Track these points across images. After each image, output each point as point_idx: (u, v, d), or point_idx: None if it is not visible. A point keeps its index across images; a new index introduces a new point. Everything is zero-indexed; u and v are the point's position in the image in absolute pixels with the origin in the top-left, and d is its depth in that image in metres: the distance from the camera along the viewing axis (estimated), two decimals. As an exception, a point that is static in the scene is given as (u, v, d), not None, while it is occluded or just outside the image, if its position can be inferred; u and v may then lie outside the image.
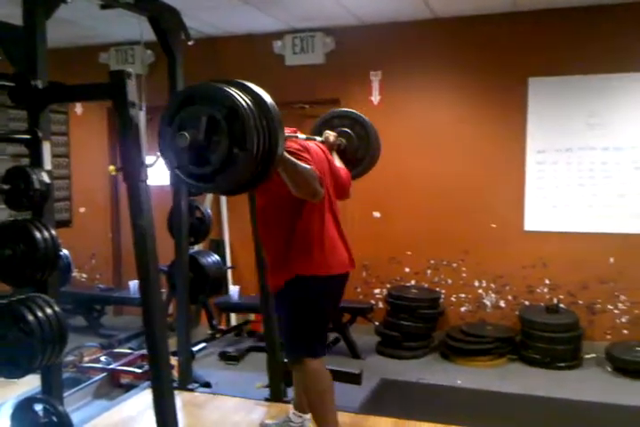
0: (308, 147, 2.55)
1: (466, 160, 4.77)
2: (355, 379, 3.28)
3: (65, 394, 2.94)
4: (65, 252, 3.49)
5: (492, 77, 4.67)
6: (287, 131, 2.37)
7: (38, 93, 2.32)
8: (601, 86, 4.43)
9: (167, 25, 3.18)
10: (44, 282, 2.39)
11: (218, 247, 5.18)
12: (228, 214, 5.32)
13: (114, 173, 2.32)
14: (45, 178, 2.33)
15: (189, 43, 3.28)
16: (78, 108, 5.65)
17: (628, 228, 4.47)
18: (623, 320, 4.56)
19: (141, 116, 2.97)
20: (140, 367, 3.73)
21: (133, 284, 4.92)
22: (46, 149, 2.41)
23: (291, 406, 3.00)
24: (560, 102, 4.53)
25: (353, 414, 3.21)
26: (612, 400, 3.70)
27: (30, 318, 2.17)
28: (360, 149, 3.03)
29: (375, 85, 4.84)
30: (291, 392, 3.31)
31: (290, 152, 2.24)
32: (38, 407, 2.39)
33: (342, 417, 2.83)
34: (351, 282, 2.88)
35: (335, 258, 2.56)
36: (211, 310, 4.79)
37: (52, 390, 2.46)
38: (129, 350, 4.08)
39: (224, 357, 4.37)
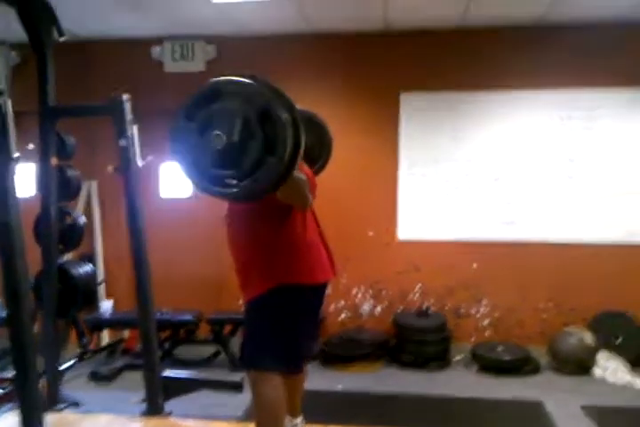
0: None
1: (344, 171, 4.87)
2: (236, 387, 3.23)
3: None
4: None
5: (367, 91, 4.89)
6: None
7: None
8: (464, 103, 4.80)
9: (38, 19, 3.00)
10: None
11: (89, 261, 4.87)
12: (101, 224, 5.05)
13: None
14: None
15: (61, 39, 3.11)
16: None
17: (488, 235, 4.83)
18: (485, 323, 4.90)
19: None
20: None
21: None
22: None
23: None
24: (428, 117, 4.84)
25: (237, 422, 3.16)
26: (477, 395, 3.96)
27: None
28: (315, 149, 3.00)
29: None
30: (169, 406, 3.19)
31: None
32: None
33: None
34: (233, 294, 2.80)
35: (319, 266, 2.43)
36: (80, 327, 4.47)
37: None
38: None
39: (95, 377, 4.08)
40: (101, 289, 4.86)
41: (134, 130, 3.12)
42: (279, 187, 1.92)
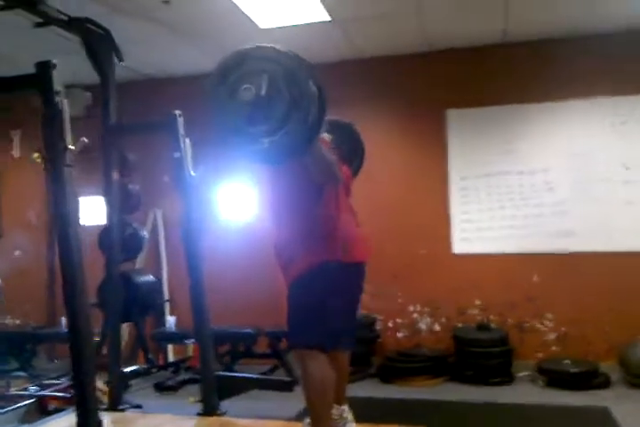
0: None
1: (393, 189, 5.02)
2: (288, 386, 3.25)
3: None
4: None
5: (414, 110, 5.02)
6: None
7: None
8: (511, 116, 4.84)
9: (99, 46, 3.36)
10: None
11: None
12: (165, 248, 5.33)
13: (38, 161, 2.36)
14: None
15: (121, 63, 3.47)
16: (16, 150, 5.71)
17: (547, 247, 4.73)
18: (551, 337, 4.72)
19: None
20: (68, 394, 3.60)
21: (65, 319, 4.78)
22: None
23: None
24: (477, 131, 4.90)
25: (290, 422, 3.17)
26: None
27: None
28: (347, 152, 3.03)
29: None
30: (224, 406, 3.27)
31: None
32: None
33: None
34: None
35: (356, 245, 2.51)
36: (146, 344, 4.67)
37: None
38: (58, 381, 3.94)
39: (159, 387, 4.24)
40: (167, 307, 5.08)
41: (187, 142, 3.37)
42: (307, 146, 2.01)
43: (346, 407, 2.74)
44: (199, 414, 3.26)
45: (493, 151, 4.87)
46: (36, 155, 2.44)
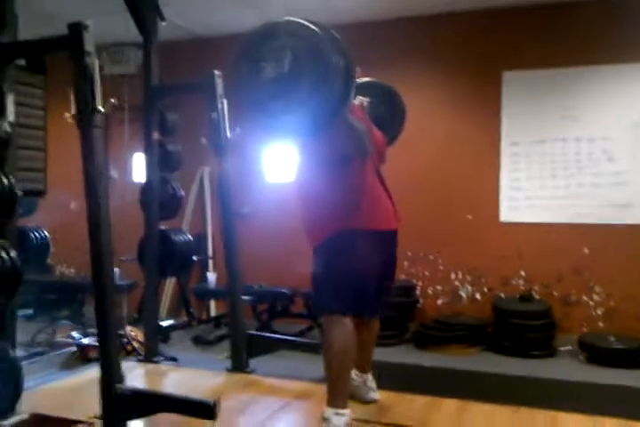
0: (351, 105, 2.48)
1: (440, 153, 4.88)
2: (316, 348, 3.19)
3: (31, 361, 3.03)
4: (44, 232, 3.64)
5: (467, 72, 4.82)
6: None
7: (3, 48, 2.47)
8: (573, 79, 4.57)
9: (141, 5, 3.35)
10: (6, 229, 2.50)
11: (200, 240, 5.27)
12: (211, 207, 5.43)
13: (70, 121, 2.42)
14: (6, 127, 2.46)
15: (163, 23, 3.45)
16: (72, 108, 5.85)
17: (601, 218, 4.51)
18: (599, 312, 4.55)
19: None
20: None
21: (115, 271, 4.99)
22: (10, 101, 2.54)
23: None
24: (533, 95, 4.66)
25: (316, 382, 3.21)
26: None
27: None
28: (386, 117, 2.98)
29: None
30: (253, 364, 3.36)
31: None
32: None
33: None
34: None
35: (380, 213, 2.50)
36: (188, 298, 4.85)
37: (5, 332, 2.52)
38: (102, 330, 4.13)
39: (197, 341, 4.41)
40: (210, 264, 5.22)
41: (224, 104, 3.36)
42: (332, 122, 1.98)
43: (369, 376, 2.74)
44: (228, 371, 3.37)
45: (550, 116, 4.63)
46: (67, 115, 2.49)
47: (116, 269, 5.20)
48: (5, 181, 2.40)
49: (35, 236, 3.64)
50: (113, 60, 5.70)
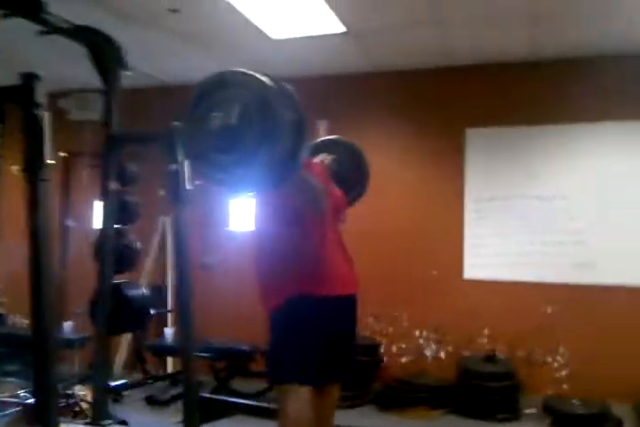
0: (309, 161, 2.48)
1: (405, 208, 4.87)
2: (273, 414, 3.07)
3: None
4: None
5: (431, 128, 4.87)
6: None
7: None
8: (532, 138, 4.64)
9: (104, 54, 3.31)
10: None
11: (159, 292, 5.10)
12: (172, 258, 5.28)
13: (16, 173, 2.33)
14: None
15: (128, 73, 3.41)
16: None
17: (563, 277, 4.50)
18: (563, 373, 4.48)
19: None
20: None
21: (67, 324, 4.77)
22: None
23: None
24: (494, 152, 4.72)
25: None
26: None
27: None
28: (350, 176, 2.96)
29: (321, 133, 5.00)
30: (205, 429, 3.18)
31: None
32: None
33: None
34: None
35: (337, 277, 2.40)
36: (143, 354, 4.63)
37: None
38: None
39: (150, 401, 4.18)
40: (169, 318, 5.03)
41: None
42: (281, 178, 1.92)
43: None
44: (180, 436, 3.17)
45: (513, 174, 4.68)
46: (14, 167, 2.40)
47: (69, 323, 5.00)
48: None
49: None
50: (78, 105, 5.63)
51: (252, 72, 1.91)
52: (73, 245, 5.51)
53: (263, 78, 1.88)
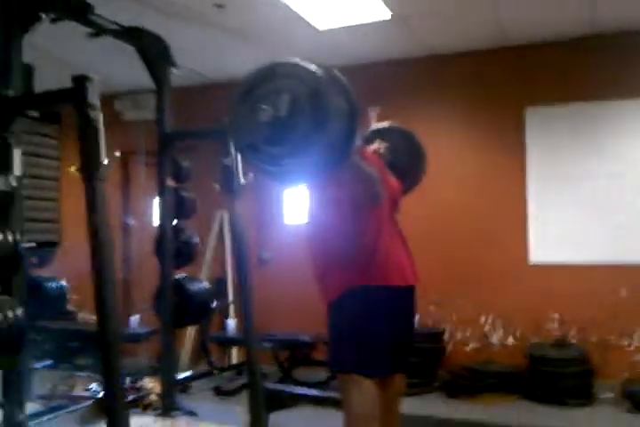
0: (364, 150, 2.44)
1: (466, 191, 4.74)
2: (337, 403, 3.04)
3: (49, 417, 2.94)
4: (62, 283, 3.59)
5: (489, 109, 4.72)
6: None
7: (9, 101, 2.46)
8: (597, 114, 4.41)
9: (154, 54, 3.35)
10: (9, 286, 2.43)
11: (220, 285, 5.18)
12: (231, 253, 5.34)
13: (75, 174, 2.39)
14: (11, 181, 2.42)
15: (175, 72, 3.44)
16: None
17: (638, 258, 4.27)
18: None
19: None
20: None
21: (133, 319, 4.92)
22: (17, 155, 2.51)
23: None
24: (558, 130, 4.51)
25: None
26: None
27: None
28: (407, 166, 2.89)
29: (373, 121, 4.92)
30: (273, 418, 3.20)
31: None
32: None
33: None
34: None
35: (396, 269, 2.35)
36: (208, 346, 4.72)
37: (12, 394, 2.43)
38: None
39: (218, 391, 4.26)
40: (230, 310, 5.10)
41: (237, 150, 3.31)
42: (334, 167, 1.88)
43: None
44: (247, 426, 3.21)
45: (577, 152, 4.47)
46: (72, 168, 2.46)
47: (136, 317, 5.15)
48: (10, 237, 2.34)
49: (49, 286, 3.59)
50: (133, 105, 5.76)
51: (300, 61, 1.87)
52: (136, 243, 5.66)
53: (312, 67, 1.84)
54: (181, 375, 3.77)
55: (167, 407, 3.42)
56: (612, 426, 3.67)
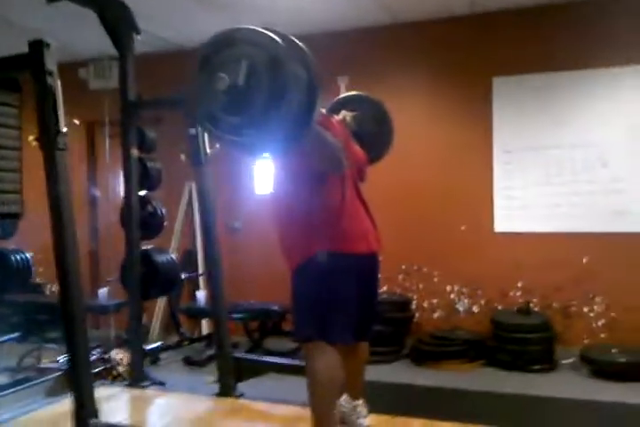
0: (329, 119, 2.40)
1: (433, 162, 4.77)
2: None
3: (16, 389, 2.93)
4: (27, 255, 3.53)
5: (456, 78, 4.72)
6: None
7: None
8: (565, 84, 4.45)
9: (116, 20, 3.25)
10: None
11: (190, 256, 5.16)
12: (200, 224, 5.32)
13: (34, 144, 2.33)
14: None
15: (138, 37, 3.35)
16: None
17: (600, 226, 4.38)
18: (599, 324, 4.41)
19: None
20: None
21: (102, 291, 4.89)
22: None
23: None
24: (524, 101, 4.54)
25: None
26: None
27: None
28: (373, 136, 2.83)
29: (342, 90, 4.89)
30: (241, 386, 3.24)
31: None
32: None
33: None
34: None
35: (359, 236, 2.35)
36: (177, 317, 4.73)
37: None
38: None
39: (188, 362, 4.28)
40: (200, 282, 5.10)
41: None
42: (290, 139, 1.86)
43: (360, 402, 2.60)
44: (216, 395, 3.25)
45: (542, 123, 4.51)
46: (30, 138, 2.40)
47: (104, 290, 5.11)
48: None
49: (15, 257, 3.54)
50: (98, 74, 5.61)
51: (258, 28, 1.82)
52: (103, 215, 5.58)
53: (271, 34, 1.80)
54: (150, 346, 3.77)
55: (136, 378, 3.45)
56: (572, 391, 3.79)
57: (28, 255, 3.55)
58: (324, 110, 2.45)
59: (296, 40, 1.84)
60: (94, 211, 5.82)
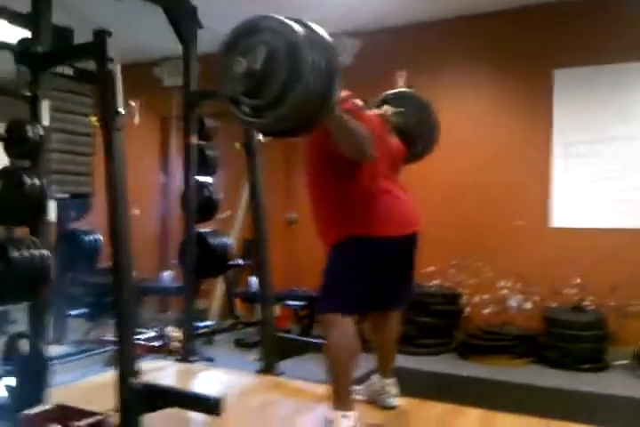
0: (362, 110, 2.48)
1: (490, 155, 4.75)
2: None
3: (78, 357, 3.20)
4: (98, 236, 3.80)
5: (515, 71, 4.69)
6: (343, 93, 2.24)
7: (38, 57, 2.63)
8: (628, 76, 4.33)
9: (180, 14, 3.48)
10: (36, 228, 2.64)
11: (250, 245, 5.36)
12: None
13: (96, 124, 2.54)
14: (40, 130, 2.60)
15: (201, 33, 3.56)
16: (136, 118, 6.14)
17: (661, 224, 4.23)
18: (659, 326, 4.26)
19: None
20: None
21: (166, 274, 5.18)
22: (44, 106, 2.69)
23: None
24: (586, 94, 4.46)
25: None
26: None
27: (15, 253, 2.40)
28: (414, 133, 2.86)
29: (401, 84, 4.94)
30: (283, 365, 3.37)
31: (344, 110, 2.17)
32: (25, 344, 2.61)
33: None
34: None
35: (391, 219, 2.42)
36: (233, 301, 4.94)
37: (38, 330, 2.64)
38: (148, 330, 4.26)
39: (239, 343, 4.47)
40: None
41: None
42: (310, 125, 1.96)
43: (390, 381, 2.66)
44: (258, 372, 3.40)
45: (605, 115, 4.41)
46: (93, 119, 2.62)
47: (168, 273, 5.41)
48: (37, 182, 2.53)
49: (85, 238, 3.81)
50: (171, 72, 5.92)
51: (279, 17, 1.94)
52: (172, 201, 5.90)
53: (290, 22, 1.92)
54: (201, 324, 3.97)
55: (186, 353, 3.66)
56: (621, 391, 3.69)
57: (98, 236, 3.80)
58: (360, 102, 2.57)
59: (317, 27, 1.94)
60: (165, 198, 6.15)
